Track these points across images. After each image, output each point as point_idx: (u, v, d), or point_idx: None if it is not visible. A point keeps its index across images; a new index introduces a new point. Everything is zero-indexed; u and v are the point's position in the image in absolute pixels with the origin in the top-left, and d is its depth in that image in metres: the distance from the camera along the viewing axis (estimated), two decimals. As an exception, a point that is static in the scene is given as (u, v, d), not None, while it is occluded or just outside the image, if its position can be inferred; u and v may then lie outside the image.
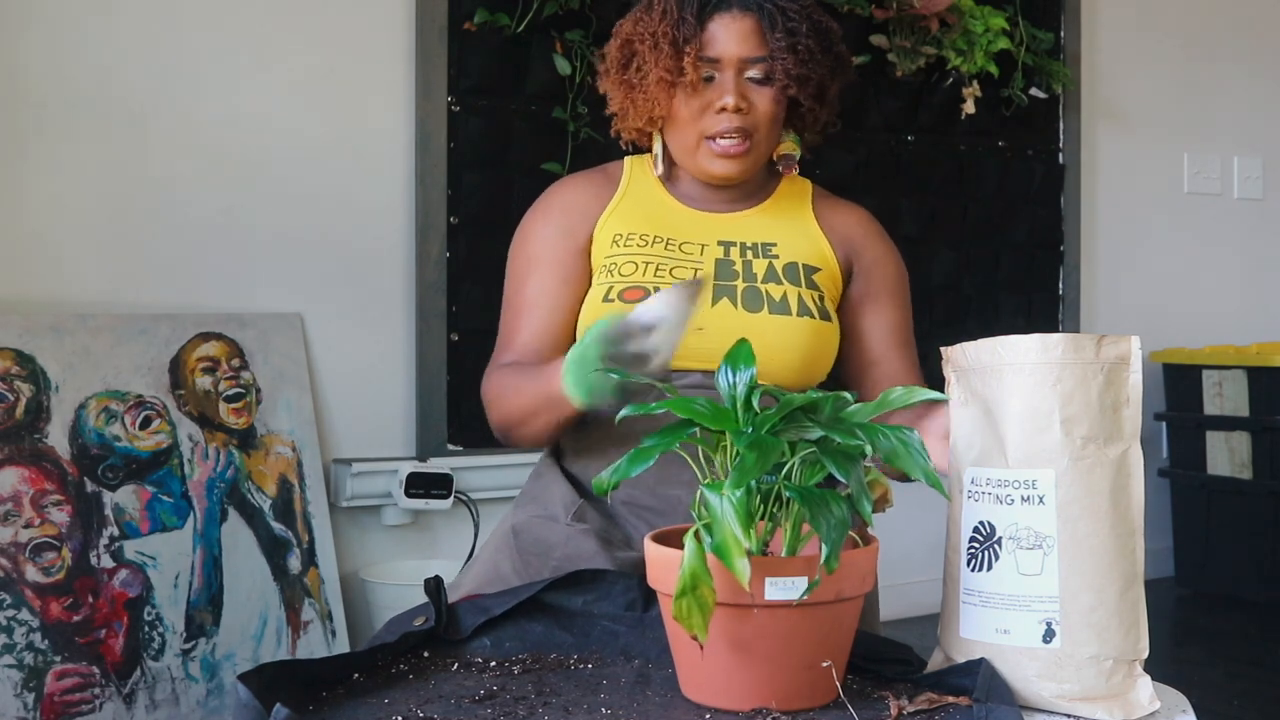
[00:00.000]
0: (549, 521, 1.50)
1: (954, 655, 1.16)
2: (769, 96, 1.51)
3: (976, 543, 1.13)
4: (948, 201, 3.66)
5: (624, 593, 1.30)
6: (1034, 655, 1.09)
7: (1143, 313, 4.10)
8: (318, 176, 2.86)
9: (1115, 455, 1.09)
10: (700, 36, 1.49)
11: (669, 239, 1.56)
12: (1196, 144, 4.23)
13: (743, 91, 1.50)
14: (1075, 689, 1.08)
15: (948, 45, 3.49)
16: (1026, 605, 1.09)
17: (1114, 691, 1.08)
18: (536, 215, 1.64)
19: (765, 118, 1.51)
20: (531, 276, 1.58)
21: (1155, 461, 4.08)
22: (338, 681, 1.16)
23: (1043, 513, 1.09)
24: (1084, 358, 1.10)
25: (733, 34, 1.49)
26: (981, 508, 1.13)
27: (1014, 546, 1.10)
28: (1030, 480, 1.10)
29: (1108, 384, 1.10)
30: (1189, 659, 3.33)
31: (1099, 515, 1.08)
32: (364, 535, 2.92)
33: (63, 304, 2.60)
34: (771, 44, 1.49)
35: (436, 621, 1.26)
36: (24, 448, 2.43)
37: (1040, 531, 1.09)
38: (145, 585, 2.48)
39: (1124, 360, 1.11)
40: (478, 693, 1.13)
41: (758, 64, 1.50)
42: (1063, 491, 1.08)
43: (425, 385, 2.95)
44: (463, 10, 2.95)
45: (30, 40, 2.60)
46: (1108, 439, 1.09)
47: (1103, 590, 1.08)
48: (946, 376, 1.22)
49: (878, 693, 1.14)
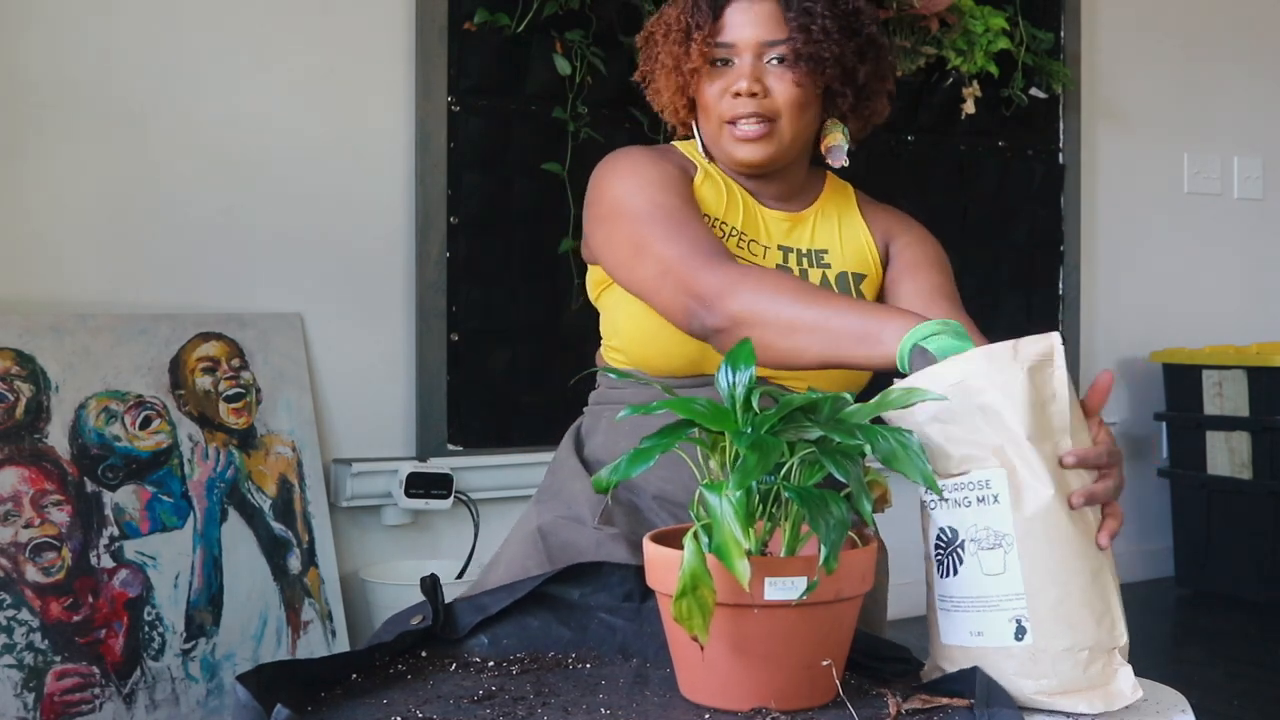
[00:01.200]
0: (575, 524, 1.47)
1: (940, 663, 1.16)
2: (788, 80, 1.46)
3: (941, 549, 1.14)
4: (948, 201, 3.66)
5: (620, 584, 1.30)
6: (1009, 654, 1.09)
7: (1143, 313, 4.11)
8: (318, 176, 2.86)
9: (1050, 451, 1.10)
10: (714, 24, 1.47)
11: (741, 233, 1.52)
12: (1196, 144, 4.23)
13: (758, 75, 1.46)
14: (1053, 683, 1.08)
15: (948, 45, 3.49)
16: (995, 605, 1.10)
17: (1094, 683, 1.08)
18: (635, 155, 1.51)
19: (786, 102, 1.47)
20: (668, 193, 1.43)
21: (1155, 461, 4.09)
22: (336, 682, 1.16)
23: (999, 511, 1.09)
24: (1000, 364, 1.10)
25: (750, 18, 1.47)
26: (942, 514, 1.14)
27: (975, 548, 1.11)
28: (984, 480, 1.10)
29: (1031, 383, 1.10)
30: (1189, 659, 3.33)
31: (1053, 509, 1.08)
32: (364, 535, 2.92)
33: (63, 304, 2.61)
34: (789, 25, 1.46)
35: (434, 620, 1.26)
36: (24, 448, 2.43)
37: (998, 530, 1.09)
38: (145, 585, 2.48)
39: (1046, 358, 1.11)
40: (476, 693, 1.13)
41: (776, 46, 1.46)
42: (1014, 490, 1.09)
43: (425, 385, 2.95)
44: (463, 10, 2.95)
45: (30, 40, 2.60)
46: (1043, 435, 1.10)
47: (1067, 582, 1.08)
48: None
49: (876, 690, 1.14)
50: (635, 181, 1.45)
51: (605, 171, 1.50)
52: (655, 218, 1.41)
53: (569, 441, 1.59)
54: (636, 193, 1.44)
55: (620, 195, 1.45)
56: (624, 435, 1.48)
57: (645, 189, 1.44)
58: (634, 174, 1.46)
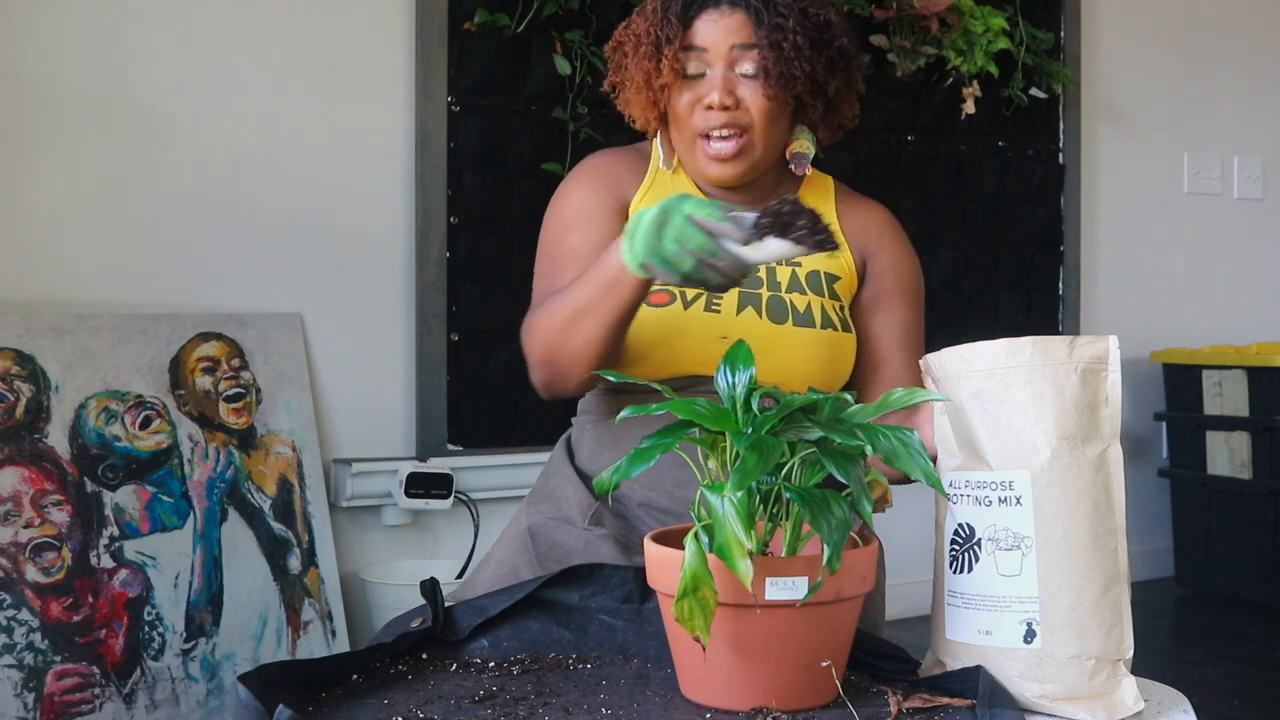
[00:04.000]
0: (565, 525, 1.48)
1: (943, 657, 1.16)
2: (760, 92, 1.47)
3: (957, 545, 1.14)
4: (948, 201, 3.66)
5: (620, 585, 1.30)
6: (1016, 656, 1.09)
7: (1143, 313, 4.11)
8: (318, 176, 2.86)
9: (1093, 455, 1.09)
10: (684, 35, 1.47)
11: None
12: (1196, 144, 4.23)
13: (730, 87, 1.46)
14: (1058, 689, 1.08)
15: (948, 45, 3.49)
16: (1007, 606, 1.10)
17: (1097, 691, 1.08)
18: (576, 178, 1.59)
19: (758, 113, 1.47)
20: (573, 232, 1.53)
21: (1155, 461, 4.09)
22: (337, 682, 1.16)
23: (1020, 513, 1.09)
24: (1054, 359, 1.10)
25: (720, 28, 1.47)
26: (961, 510, 1.14)
27: (993, 548, 1.11)
28: (1007, 481, 1.10)
29: (1083, 384, 1.10)
30: (1189, 659, 3.33)
31: (1076, 515, 1.08)
32: (364, 535, 2.92)
33: (63, 304, 2.61)
34: (759, 38, 1.46)
35: (434, 623, 1.26)
36: (24, 448, 2.43)
37: (1018, 532, 1.09)
38: (145, 585, 2.48)
39: (1100, 360, 1.11)
40: (477, 693, 1.13)
41: (747, 56, 1.46)
42: (1039, 492, 1.09)
43: (425, 385, 2.95)
44: (463, 10, 2.95)
45: (32, 41, 2.60)
46: (1085, 439, 1.09)
47: (1082, 590, 1.08)
48: (926, 385, 1.22)
49: (876, 688, 1.14)
50: (557, 218, 1.56)
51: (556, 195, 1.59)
52: (546, 258, 1.54)
53: (561, 448, 1.61)
54: (549, 230, 1.56)
55: (546, 227, 1.57)
56: (607, 447, 1.51)
57: (557, 226, 1.55)
58: (560, 206, 1.56)
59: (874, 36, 3.43)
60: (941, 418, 1.18)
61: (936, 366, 1.18)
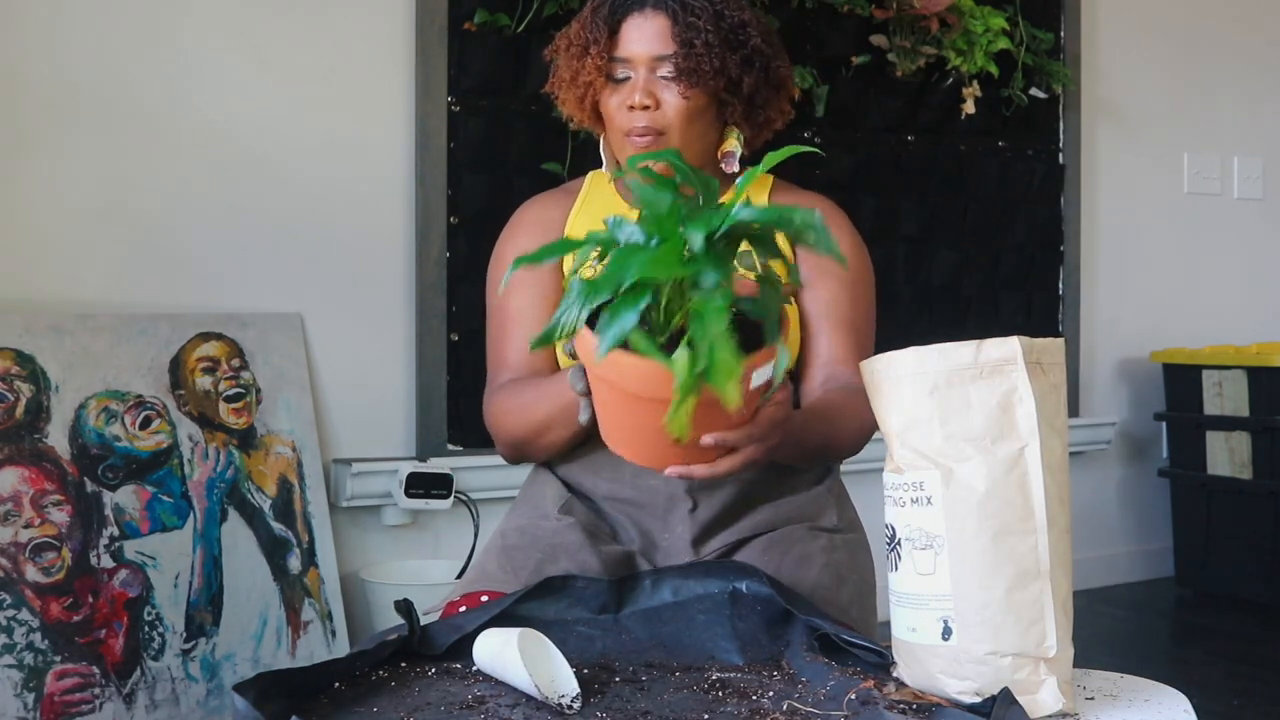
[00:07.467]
0: (539, 519, 1.54)
1: (895, 653, 1.19)
2: (676, 93, 1.53)
3: (887, 544, 1.18)
4: (948, 201, 3.66)
5: (595, 596, 1.33)
6: (936, 652, 1.12)
7: (1143, 313, 4.11)
8: (318, 176, 2.86)
9: (1006, 454, 1.11)
10: (610, 39, 1.54)
11: None
12: (1196, 144, 4.23)
13: (650, 89, 1.53)
14: (975, 685, 1.10)
15: (948, 45, 3.49)
16: (925, 604, 1.12)
17: (1017, 690, 1.09)
18: (507, 236, 1.68)
19: (674, 114, 1.53)
20: (512, 295, 1.61)
21: (1155, 461, 4.09)
22: (321, 691, 1.15)
23: (931, 513, 1.12)
24: (960, 364, 1.12)
25: (644, 33, 1.54)
26: (887, 511, 1.18)
27: (910, 547, 1.14)
28: (918, 482, 1.13)
29: (991, 386, 1.11)
30: (1189, 659, 3.33)
31: (987, 514, 1.10)
32: (364, 535, 2.92)
33: (63, 304, 2.61)
34: (674, 40, 1.53)
35: (409, 638, 1.25)
36: (24, 448, 2.43)
37: (931, 531, 1.12)
38: (145, 585, 2.48)
39: (1009, 362, 1.12)
40: (465, 698, 1.12)
41: (666, 61, 1.53)
42: (947, 491, 1.11)
43: (425, 385, 2.95)
44: (463, 10, 2.95)
45: (31, 41, 2.59)
46: (995, 439, 1.11)
47: (994, 588, 1.09)
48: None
49: (863, 677, 1.17)
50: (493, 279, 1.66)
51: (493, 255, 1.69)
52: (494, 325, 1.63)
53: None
54: (492, 296, 1.65)
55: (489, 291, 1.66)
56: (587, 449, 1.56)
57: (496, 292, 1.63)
58: (497, 269, 1.66)
59: (874, 36, 3.43)
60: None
61: (868, 372, 1.21)
